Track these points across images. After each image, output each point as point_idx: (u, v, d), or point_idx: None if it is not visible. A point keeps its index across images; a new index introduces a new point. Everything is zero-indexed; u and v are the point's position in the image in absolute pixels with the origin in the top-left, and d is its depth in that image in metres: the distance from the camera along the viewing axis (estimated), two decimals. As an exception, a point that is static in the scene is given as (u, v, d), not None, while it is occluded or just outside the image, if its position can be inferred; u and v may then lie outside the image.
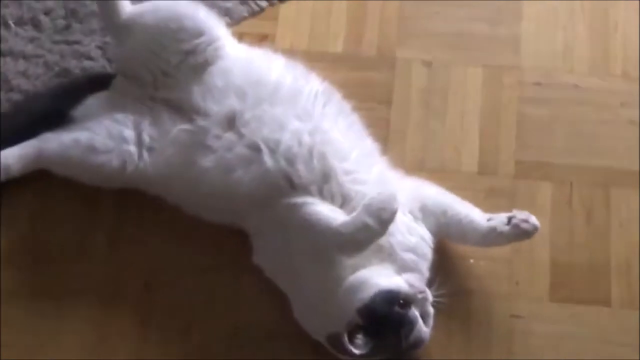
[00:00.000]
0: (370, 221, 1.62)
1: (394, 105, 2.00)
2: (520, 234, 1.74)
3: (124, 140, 1.79)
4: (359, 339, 1.62)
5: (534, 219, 1.74)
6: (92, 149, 1.78)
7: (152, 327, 1.79)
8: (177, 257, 1.84)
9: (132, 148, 1.79)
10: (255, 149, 1.73)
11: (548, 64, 2.05)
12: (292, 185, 1.71)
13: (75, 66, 2.00)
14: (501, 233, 1.75)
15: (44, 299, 1.81)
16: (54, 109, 1.85)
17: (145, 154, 1.79)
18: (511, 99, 2.01)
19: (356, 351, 1.61)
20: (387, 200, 1.63)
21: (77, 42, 2.03)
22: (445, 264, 1.81)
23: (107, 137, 1.79)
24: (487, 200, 1.88)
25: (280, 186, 1.71)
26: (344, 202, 1.71)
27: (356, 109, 1.85)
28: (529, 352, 1.78)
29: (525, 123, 1.98)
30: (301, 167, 1.71)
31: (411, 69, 2.04)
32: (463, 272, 1.84)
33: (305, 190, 1.70)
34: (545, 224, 1.85)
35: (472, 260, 1.85)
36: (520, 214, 1.74)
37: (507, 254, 1.85)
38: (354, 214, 1.64)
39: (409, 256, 1.71)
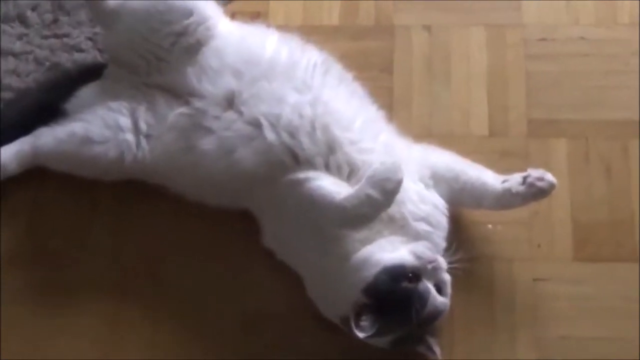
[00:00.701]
0: (374, 193, 1.55)
1: (395, 72, 1.96)
2: (537, 192, 1.68)
3: (120, 128, 1.74)
4: (364, 320, 1.56)
5: (549, 176, 1.68)
6: (87, 140, 1.74)
7: (162, 316, 1.75)
8: (182, 244, 1.80)
9: (130, 136, 1.74)
10: (256, 124, 1.67)
11: (552, 19, 1.99)
12: (297, 160, 1.65)
13: (66, 59, 1.96)
14: (517, 193, 1.69)
15: (51, 297, 1.78)
16: (46, 103, 1.81)
17: (144, 142, 1.74)
18: (517, 57, 1.95)
19: (360, 334, 1.55)
20: (391, 170, 1.57)
21: (66, 35, 1.99)
22: (462, 231, 1.76)
23: (103, 126, 1.75)
24: (501, 162, 1.82)
25: (284, 161, 1.65)
26: (351, 172, 1.66)
27: (358, 79, 1.81)
28: (555, 315, 1.72)
29: (533, 81, 1.93)
30: (304, 140, 1.66)
31: (411, 34, 1.99)
32: (482, 238, 1.79)
33: (309, 164, 1.65)
34: (562, 182, 1.79)
35: (490, 226, 1.80)
36: (535, 172, 1.68)
37: (526, 217, 1.80)
38: (357, 186, 1.58)
39: (422, 226, 1.65)
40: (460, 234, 1.74)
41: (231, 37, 1.79)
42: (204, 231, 1.81)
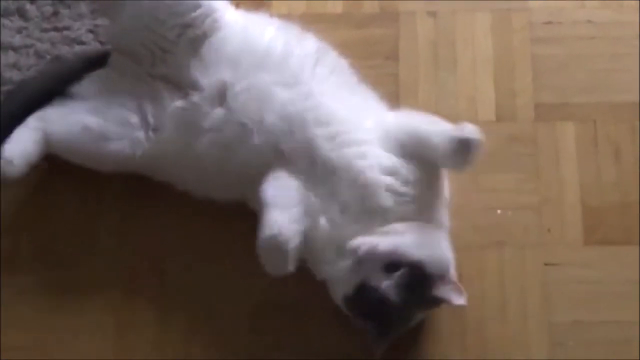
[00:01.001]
0: (266, 260, 1.58)
1: (401, 60, 1.94)
2: (465, 152, 1.56)
3: (133, 126, 1.73)
4: (374, 342, 1.59)
5: (469, 130, 1.56)
6: (103, 137, 1.72)
7: (166, 315, 1.74)
8: (186, 244, 1.79)
9: (141, 133, 1.73)
10: (244, 127, 1.66)
11: (558, 2, 1.97)
12: (282, 157, 1.64)
13: (67, 52, 1.94)
14: (454, 157, 1.58)
15: (53, 297, 1.76)
16: (49, 95, 1.78)
17: (152, 136, 1.73)
18: (523, 41, 1.93)
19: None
20: (275, 246, 1.56)
21: (67, 28, 1.97)
22: (471, 217, 1.76)
23: (118, 124, 1.73)
24: (509, 147, 1.83)
25: (270, 161, 1.64)
26: (334, 168, 1.63)
27: (362, 67, 1.78)
28: (566, 300, 1.72)
29: (540, 64, 1.91)
30: (287, 138, 1.64)
31: (416, 21, 1.97)
32: (491, 223, 1.78)
33: (292, 160, 1.63)
34: (572, 166, 1.81)
35: (499, 211, 1.79)
36: (458, 130, 1.57)
37: (536, 202, 1.79)
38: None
39: (404, 207, 1.61)
40: (469, 221, 1.74)
41: (235, 27, 1.76)
42: (208, 231, 1.79)
